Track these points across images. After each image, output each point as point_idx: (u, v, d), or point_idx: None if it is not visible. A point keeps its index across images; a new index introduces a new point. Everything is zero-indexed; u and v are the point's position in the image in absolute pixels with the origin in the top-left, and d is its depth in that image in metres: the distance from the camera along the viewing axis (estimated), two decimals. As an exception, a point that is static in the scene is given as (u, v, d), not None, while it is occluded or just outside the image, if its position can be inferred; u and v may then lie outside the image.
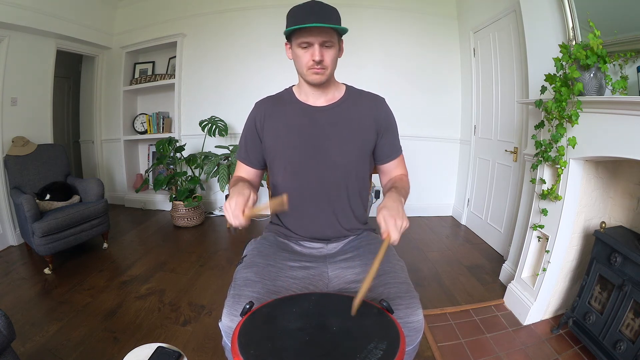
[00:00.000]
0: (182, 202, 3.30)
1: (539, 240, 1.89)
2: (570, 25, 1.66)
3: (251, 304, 0.82)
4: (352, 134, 1.11)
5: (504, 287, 2.13)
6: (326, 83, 1.09)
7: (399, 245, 0.96)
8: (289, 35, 1.02)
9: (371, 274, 0.80)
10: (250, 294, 0.94)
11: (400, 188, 1.06)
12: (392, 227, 0.83)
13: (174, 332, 1.76)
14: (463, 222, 3.48)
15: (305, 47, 0.99)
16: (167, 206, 3.85)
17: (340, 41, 1.05)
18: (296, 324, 0.76)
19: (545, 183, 1.76)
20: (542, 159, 1.73)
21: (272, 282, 1.00)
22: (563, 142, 1.62)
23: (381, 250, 0.83)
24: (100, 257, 2.67)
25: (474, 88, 3.24)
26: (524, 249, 1.96)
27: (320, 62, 1.00)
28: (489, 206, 3.00)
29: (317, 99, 1.12)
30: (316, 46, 0.98)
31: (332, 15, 0.98)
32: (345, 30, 1.00)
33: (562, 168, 1.63)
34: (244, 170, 1.21)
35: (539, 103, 1.70)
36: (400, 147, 1.21)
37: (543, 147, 1.71)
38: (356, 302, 0.77)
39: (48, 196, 2.63)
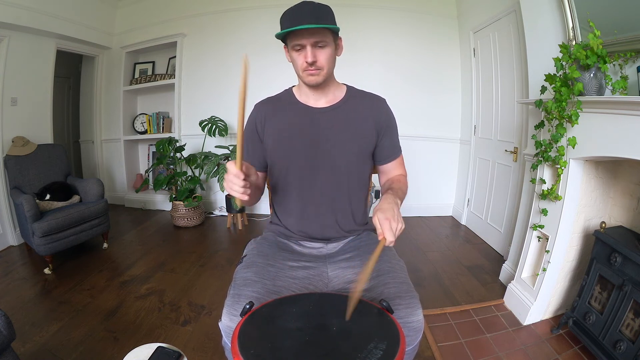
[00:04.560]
0: (182, 202, 3.30)
1: (539, 240, 1.89)
2: (570, 25, 1.66)
3: (251, 304, 0.82)
4: (353, 135, 1.11)
5: (504, 287, 2.13)
6: (325, 84, 1.08)
7: (399, 245, 0.96)
8: (284, 39, 1.02)
9: (364, 276, 0.81)
10: (250, 293, 0.94)
11: (397, 189, 1.05)
12: (387, 230, 0.83)
13: (174, 332, 1.76)
14: (463, 222, 3.48)
15: (299, 50, 0.99)
16: (167, 206, 3.85)
17: (337, 39, 1.04)
18: (296, 324, 0.76)
19: (545, 183, 1.76)
20: (542, 159, 1.73)
21: (272, 282, 1.00)
22: (563, 142, 1.62)
23: (376, 251, 0.83)
24: (100, 257, 2.67)
25: (474, 88, 3.24)
26: (524, 249, 1.96)
27: (313, 63, 0.99)
28: (489, 206, 3.00)
29: (317, 100, 1.12)
30: (308, 47, 0.97)
31: (323, 14, 0.96)
32: (336, 29, 0.98)
33: (562, 168, 1.63)
34: None
35: (539, 103, 1.69)
36: (400, 148, 1.21)
37: (543, 147, 1.71)
38: (350, 309, 0.78)
39: (48, 196, 2.63)
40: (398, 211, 0.89)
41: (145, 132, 3.97)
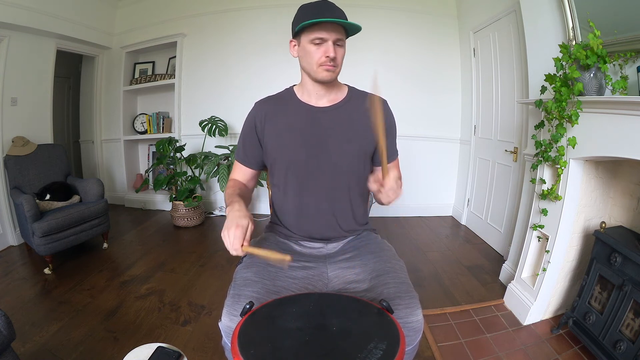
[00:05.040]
0: (182, 202, 3.30)
1: (539, 240, 1.89)
2: (570, 25, 1.66)
3: (251, 304, 0.82)
4: (354, 136, 1.11)
5: (504, 287, 2.13)
6: (331, 82, 1.09)
7: (399, 245, 0.96)
8: (299, 32, 1.01)
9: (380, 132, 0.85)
10: (250, 294, 0.94)
11: None
12: (395, 179, 0.89)
13: (174, 332, 1.76)
14: (463, 222, 3.48)
15: (319, 44, 0.99)
16: (167, 206, 3.85)
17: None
18: (296, 324, 0.76)
19: (545, 183, 1.76)
20: (542, 159, 1.73)
21: (271, 282, 1.00)
22: (563, 142, 1.62)
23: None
24: (100, 257, 2.67)
25: (474, 88, 3.24)
26: (524, 249, 1.96)
27: (334, 59, 1.00)
28: (489, 206, 3.00)
29: (319, 100, 1.12)
30: (330, 43, 0.98)
31: (344, 15, 1.00)
32: (358, 29, 1.00)
33: (562, 168, 1.63)
34: (241, 171, 1.20)
35: (539, 103, 1.69)
36: (397, 151, 1.22)
37: (543, 147, 1.71)
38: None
39: (48, 196, 2.63)
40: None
41: (145, 132, 3.97)
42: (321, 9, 0.97)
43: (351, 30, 1.00)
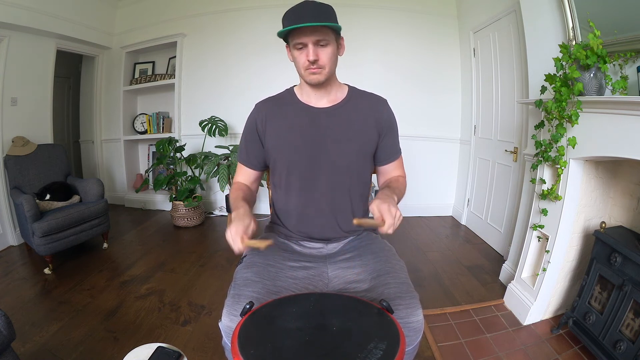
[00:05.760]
0: (182, 202, 3.30)
1: (539, 240, 1.89)
2: (570, 25, 1.67)
3: (251, 304, 0.82)
4: (354, 136, 1.11)
5: (504, 287, 2.13)
6: (327, 83, 1.08)
7: (399, 245, 0.96)
8: (286, 38, 1.02)
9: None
10: (250, 294, 0.94)
11: (394, 187, 1.07)
12: (385, 212, 0.84)
13: (174, 332, 1.76)
14: (463, 222, 3.48)
15: (301, 48, 0.99)
16: (167, 206, 3.85)
17: (339, 39, 1.04)
18: (296, 324, 0.76)
19: (545, 183, 1.76)
20: (542, 159, 1.73)
21: (272, 282, 1.00)
22: (563, 142, 1.62)
23: (371, 222, 0.87)
24: (100, 257, 2.67)
25: (474, 88, 3.24)
26: (524, 249, 1.96)
27: (315, 62, 0.99)
28: (489, 206, 3.00)
29: (319, 100, 1.12)
30: (310, 46, 0.97)
31: (325, 13, 0.97)
32: (337, 27, 0.99)
33: (562, 168, 1.63)
34: (244, 173, 1.20)
35: (539, 103, 1.70)
36: (400, 149, 1.21)
37: (543, 147, 1.71)
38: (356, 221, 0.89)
39: (48, 196, 2.63)
40: (394, 202, 0.90)
41: (145, 132, 3.97)
42: (299, 13, 0.95)
43: (333, 26, 0.97)
